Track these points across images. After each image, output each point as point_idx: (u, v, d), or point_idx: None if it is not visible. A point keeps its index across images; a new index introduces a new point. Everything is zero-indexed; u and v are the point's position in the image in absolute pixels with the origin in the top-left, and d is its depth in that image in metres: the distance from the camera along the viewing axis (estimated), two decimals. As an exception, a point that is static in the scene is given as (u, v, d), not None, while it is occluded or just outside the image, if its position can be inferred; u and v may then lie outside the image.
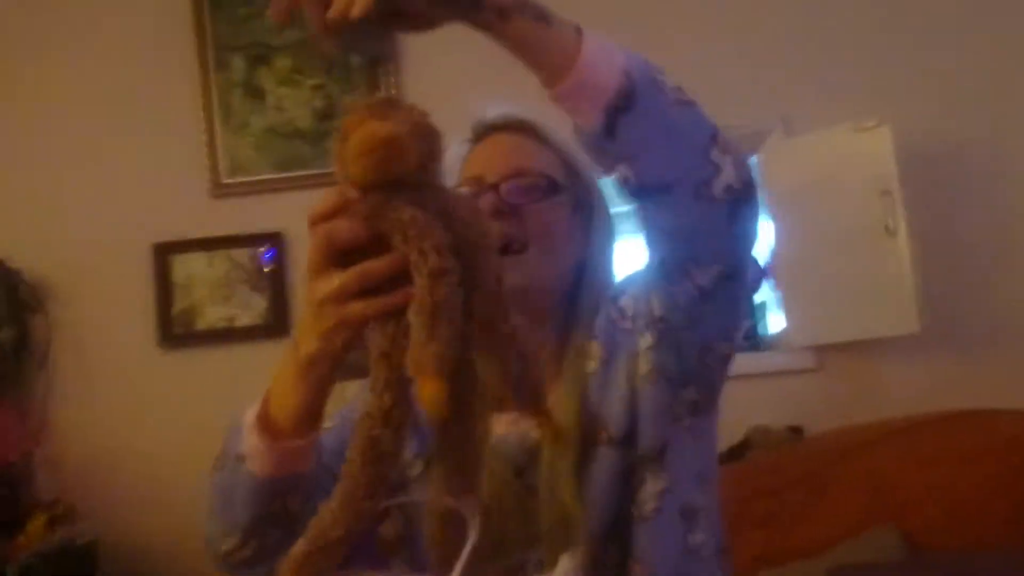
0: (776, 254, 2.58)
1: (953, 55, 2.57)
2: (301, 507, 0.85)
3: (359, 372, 0.71)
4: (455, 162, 1.03)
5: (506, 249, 0.94)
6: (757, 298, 2.79)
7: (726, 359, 0.94)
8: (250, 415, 0.82)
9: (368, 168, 0.64)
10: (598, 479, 0.89)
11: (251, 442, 0.80)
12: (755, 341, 2.78)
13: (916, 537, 2.13)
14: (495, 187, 0.96)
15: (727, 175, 0.76)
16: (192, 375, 2.62)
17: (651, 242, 0.87)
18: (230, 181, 2.72)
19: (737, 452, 2.35)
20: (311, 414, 0.78)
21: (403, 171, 0.65)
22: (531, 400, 0.71)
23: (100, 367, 2.63)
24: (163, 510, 2.50)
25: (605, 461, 0.89)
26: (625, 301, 0.98)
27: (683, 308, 0.87)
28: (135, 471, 2.56)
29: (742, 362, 1.31)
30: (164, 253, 2.68)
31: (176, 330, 2.66)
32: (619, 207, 1.06)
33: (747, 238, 0.83)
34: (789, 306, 2.55)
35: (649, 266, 0.90)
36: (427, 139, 0.66)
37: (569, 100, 0.75)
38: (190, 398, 2.57)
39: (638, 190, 0.78)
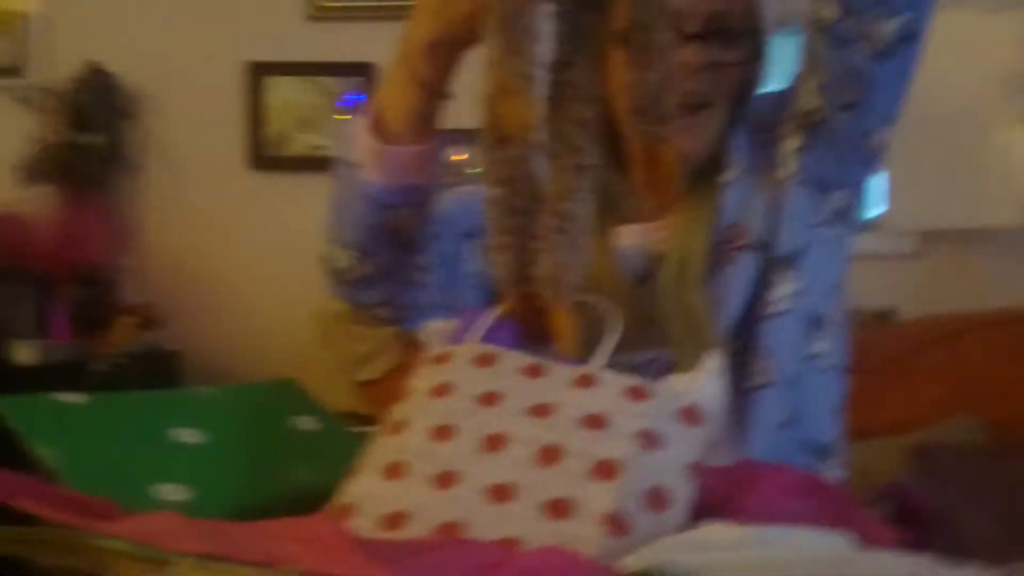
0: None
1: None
2: (418, 229, 0.84)
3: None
4: None
5: (695, 107, 0.89)
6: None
7: (877, 153, 0.92)
8: (362, 120, 0.79)
9: None
10: (733, 282, 0.88)
11: (363, 145, 0.79)
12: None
13: (998, 428, 2.12)
14: (700, 38, 0.89)
15: None
16: (279, 198, 2.61)
17: None
18: (327, 4, 2.63)
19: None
20: (425, 114, 0.75)
21: None
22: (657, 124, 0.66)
23: (190, 181, 2.62)
24: (244, 326, 2.54)
25: (742, 264, 0.88)
26: (763, 115, 0.95)
27: (854, 74, 0.84)
28: (219, 285, 2.59)
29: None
30: (257, 73, 2.63)
31: (266, 152, 2.63)
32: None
33: None
34: (895, 188, 2.47)
35: (816, 39, 0.86)
36: None
37: None
38: (276, 220, 2.57)
39: None
